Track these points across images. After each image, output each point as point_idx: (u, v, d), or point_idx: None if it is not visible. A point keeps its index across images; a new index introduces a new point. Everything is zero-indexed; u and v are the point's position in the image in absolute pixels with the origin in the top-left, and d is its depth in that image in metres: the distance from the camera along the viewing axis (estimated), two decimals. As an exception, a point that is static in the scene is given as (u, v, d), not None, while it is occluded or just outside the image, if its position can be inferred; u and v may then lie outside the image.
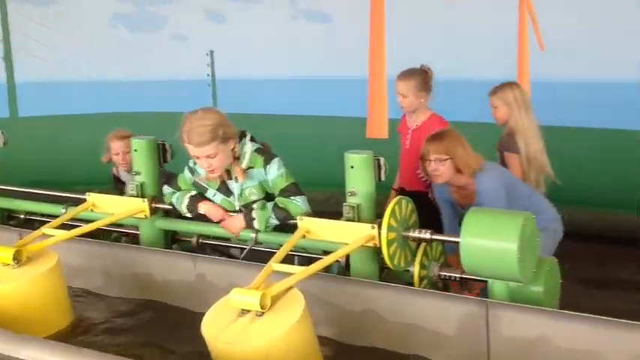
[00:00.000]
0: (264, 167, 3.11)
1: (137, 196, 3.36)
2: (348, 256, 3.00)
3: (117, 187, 4.32)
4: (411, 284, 2.90)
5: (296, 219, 2.97)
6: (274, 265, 2.57)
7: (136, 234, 3.51)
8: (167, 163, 3.52)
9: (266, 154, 3.14)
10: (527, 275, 2.63)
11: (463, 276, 2.89)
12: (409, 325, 2.65)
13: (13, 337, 2.25)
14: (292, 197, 3.09)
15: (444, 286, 3.07)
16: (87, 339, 2.83)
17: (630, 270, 4.81)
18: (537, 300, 2.73)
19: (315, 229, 2.93)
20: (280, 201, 3.10)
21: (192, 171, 3.28)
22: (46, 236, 3.03)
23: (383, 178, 3.03)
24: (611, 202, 5.47)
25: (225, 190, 3.21)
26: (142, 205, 3.32)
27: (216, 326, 2.29)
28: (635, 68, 5.56)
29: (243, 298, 2.28)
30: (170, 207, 3.37)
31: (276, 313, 2.30)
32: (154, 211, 3.36)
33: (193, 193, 3.26)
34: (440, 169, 3.35)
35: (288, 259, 2.76)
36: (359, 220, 2.89)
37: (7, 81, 7.00)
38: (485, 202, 3.29)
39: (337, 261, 2.96)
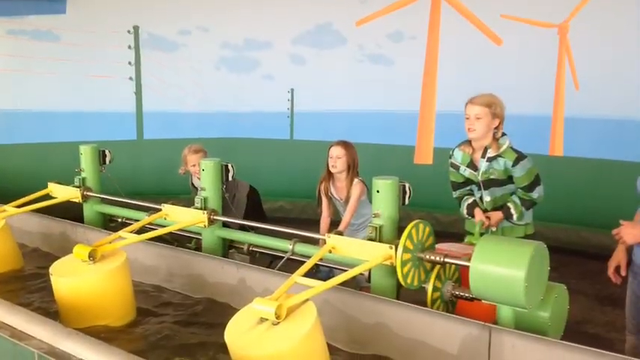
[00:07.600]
0: (514, 163, 3.24)
1: (200, 209, 3.27)
2: (370, 271, 2.72)
3: (193, 192, 4.26)
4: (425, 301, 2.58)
5: (536, 203, 3.29)
6: (297, 277, 2.36)
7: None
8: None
9: (519, 153, 3.28)
10: (533, 302, 2.28)
11: (475, 296, 2.53)
12: (416, 341, 2.38)
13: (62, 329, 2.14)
14: (532, 191, 3.27)
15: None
16: (146, 327, 2.72)
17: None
18: (543, 325, 2.37)
19: (340, 246, 2.71)
20: (523, 194, 3.29)
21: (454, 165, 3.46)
22: (122, 238, 2.96)
23: (407, 202, 2.74)
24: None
25: (472, 166, 3.38)
26: (202, 217, 3.23)
27: (236, 331, 2.12)
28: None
29: (262, 307, 2.10)
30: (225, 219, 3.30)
31: (289, 323, 2.10)
32: (211, 221, 3.25)
33: (470, 200, 3.41)
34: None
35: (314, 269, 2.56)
36: (380, 241, 2.64)
37: (136, 111, 7.19)
38: None
39: (362, 274, 2.71)
